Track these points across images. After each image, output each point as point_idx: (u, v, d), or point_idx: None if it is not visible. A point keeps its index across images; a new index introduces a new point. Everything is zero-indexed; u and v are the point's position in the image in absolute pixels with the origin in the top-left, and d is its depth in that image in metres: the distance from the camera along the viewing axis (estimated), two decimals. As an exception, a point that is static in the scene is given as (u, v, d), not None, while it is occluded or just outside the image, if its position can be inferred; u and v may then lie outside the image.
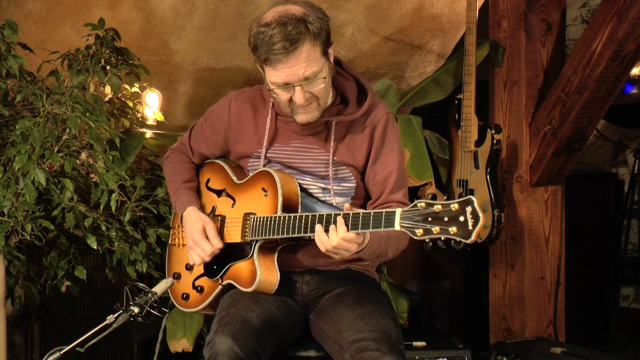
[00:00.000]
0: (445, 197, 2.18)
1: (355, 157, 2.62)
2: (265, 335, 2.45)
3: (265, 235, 2.52)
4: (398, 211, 2.20)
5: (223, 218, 2.69)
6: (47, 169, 3.01)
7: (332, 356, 2.53)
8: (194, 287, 2.71)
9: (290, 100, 2.50)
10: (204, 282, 2.69)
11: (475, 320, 4.67)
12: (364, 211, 2.31)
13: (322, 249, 2.38)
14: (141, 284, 2.36)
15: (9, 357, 3.33)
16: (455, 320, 5.01)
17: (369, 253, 2.48)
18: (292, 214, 2.48)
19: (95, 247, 3.14)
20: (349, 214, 2.33)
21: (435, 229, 2.12)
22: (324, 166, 2.63)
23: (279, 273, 2.57)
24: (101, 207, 3.11)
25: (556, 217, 4.05)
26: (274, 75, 2.45)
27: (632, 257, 5.29)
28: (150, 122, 3.73)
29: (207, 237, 2.63)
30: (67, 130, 3.07)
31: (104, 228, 3.15)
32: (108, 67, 3.35)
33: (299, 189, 2.59)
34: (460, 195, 3.88)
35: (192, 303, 2.72)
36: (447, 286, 5.01)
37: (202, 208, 2.75)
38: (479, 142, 3.83)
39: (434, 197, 2.18)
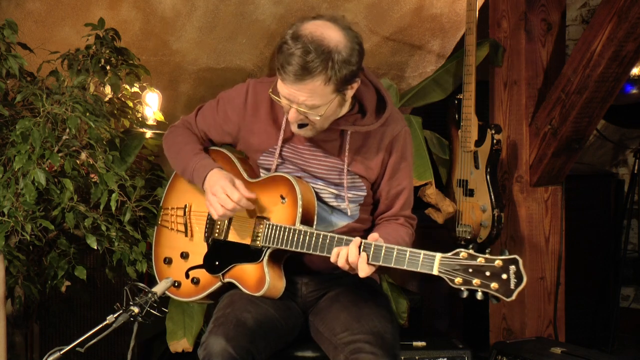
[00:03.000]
0: (488, 251, 2.16)
1: (368, 170, 2.59)
2: (260, 336, 2.44)
3: (280, 245, 2.49)
4: (438, 256, 2.19)
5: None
6: (47, 169, 3.00)
7: (329, 356, 2.52)
8: (187, 276, 2.67)
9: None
10: (200, 274, 2.66)
11: (475, 320, 4.66)
12: (400, 248, 2.27)
13: (341, 263, 2.35)
14: (141, 284, 2.36)
15: (9, 357, 3.33)
16: (455, 320, 5.01)
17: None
18: (310, 230, 2.44)
19: (95, 247, 3.14)
20: (381, 247, 2.29)
21: (476, 281, 2.12)
22: (337, 174, 2.60)
23: (284, 279, 2.56)
24: (101, 207, 3.11)
25: (556, 217, 4.06)
26: (280, 86, 2.43)
27: (632, 257, 5.29)
28: (150, 122, 3.73)
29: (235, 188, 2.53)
30: (67, 130, 3.07)
31: (104, 228, 3.14)
32: (108, 67, 3.34)
33: (316, 200, 2.56)
34: (464, 193, 3.89)
35: (183, 292, 2.68)
36: (447, 286, 5.00)
37: (200, 193, 2.67)
38: (479, 142, 3.83)
39: (475, 248, 2.17)
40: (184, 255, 2.72)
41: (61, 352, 2.16)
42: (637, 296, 5.39)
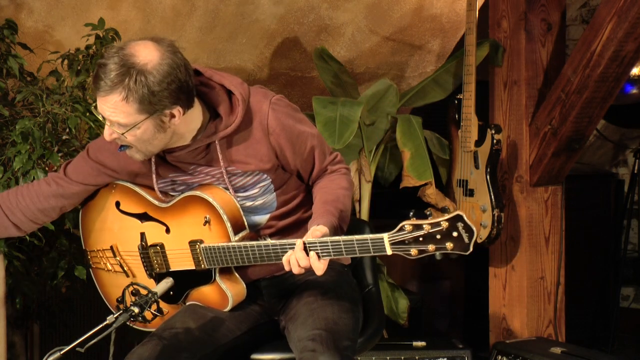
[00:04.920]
0: (428, 213, 2.16)
1: (257, 161, 2.46)
2: (189, 350, 2.37)
3: (225, 263, 2.42)
4: (385, 236, 2.15)
5: (162, 246, 2.53)
6: (47, 169, 3.00)
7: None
8: (159, 306, 2.48)
9: None
10: (161, 304, 2.50)
11: (475, 320, 4.67)
12: (346, 238, 2.21)
13: (295, 270, 2.28)
14: (141, 284, 2.36)
15: (9, 357, 3.33)
16: (455, 320, 5.01)
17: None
18: (252, 243, 2.36)
19: (95, 247, 3.13)
20: (326, 242, 2.23)
21: (431, 247, 2.11)
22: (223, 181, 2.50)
23: (242, 282, 2.49)
24: (101, 207, 3.11)
25: (556, 217, 4.06)
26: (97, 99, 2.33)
27: (632, 257, 5.29)
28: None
29: None
30: (67, 130, 3.07)
31: (104, 228, 3.14)
32: (108, 67, 3.34)
33: (235, 200, 2.45)
34: (464, 193, 3.89)
35: (155, 324, 2.57)
36: (447, 286, 5.01)
37: (118, 232, 2.60)
38: (479, 142, 3.83)
39: (417, 216, 2.16)
40: (134, 293, 2.63)
41: (61, 352, 2.16)
42: (637, 296, 5.39)
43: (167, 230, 2.52)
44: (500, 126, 3.81)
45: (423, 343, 3.59)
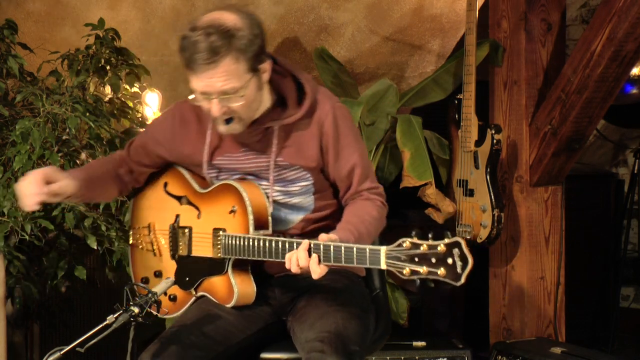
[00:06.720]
0: (430, 235, 2.14)
1: (306, 158, 2.52)
2: (203, 349, 2.41)
3: (239, 255, 2.45)
4: (382, 250, 2.14)
5: (190, 230, 2.62)
6: (47, 169, 3.00)
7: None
8: (166, 294, 2.62)
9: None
10: (175, 290, 2.63)
11: (475, 320, 4.67)
12: (346, 245, 2.23)
13: (294, 269, 2.30)
14: (141, 284, 2.36)
15: (9, 357, 3.33)
16: (455, 320, 5.01)
17: None
18: (266, 237, 2.39)
19: (95, 247, 3.14)
20: (329, 246, 2.24)
21: (424, 269, 2.08)
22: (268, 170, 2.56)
23: (254, 283, 2.52)
24: (101, 207, 3.12)
25: (556, 217, 4.05)
26: (194, 82, 2.39)
27: (632, 257, 5.29)
28: (150, 122, 3.73)
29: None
30: (67, 130, 3.07)
31: (103, 228, 3.15)
32: (108, 67, 3.35)
33: (267, 201, 2.51)
34: (464, 193, 3.89)
35: (163, 310, 2.63)
36: (447, 286, 5.00)
37: (158, 211, 2.68)
38: (479, 142, 3.83)
39: (418, 235, 2.14)
40: (158, 274, 2.69)
41: (61, 352, 2.16)
42: (637, 296, 5.39)
43: (199, 216, 2.60)
44: (500, 126, 3.81)
45: (423, 343, 3.59)
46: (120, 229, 3.23)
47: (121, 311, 2.21)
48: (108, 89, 3.41)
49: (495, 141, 3.77)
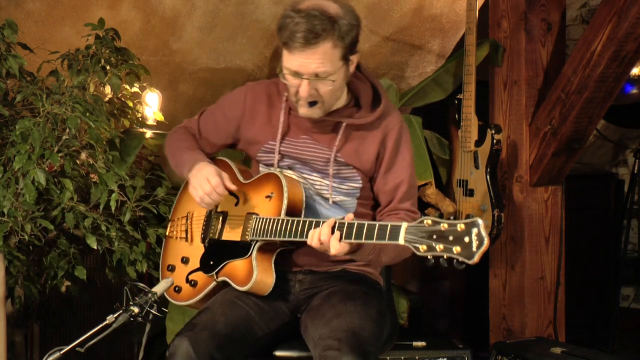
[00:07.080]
0: (452, 217, 2.17)
1: (362, 161, 2.62)
2: (231, 341, 2.45)
3: (266, 236, 2.52)
4: (404, 225, 2.18)
5: (225, 214, 2.69)
6: (47, 169, 3.01)
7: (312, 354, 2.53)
8: (187, 280, 2.70)
9: (297, 91, 2.52)
10: (198, 276, 2.69)
11: (475, 320, 4.67)
12: (370, 223, 2.28)
13: (314, 242, 2.37)
14: (141, 284, 2.36)
15: (9, 357, 3.33)
16: (455, 320, 5.01)
17: (361, 257, 2.49)
18: (294, 218, 2.47)
19: (95, 247, 3.14)
20: (353, 224, 2.30)
21: (439, 246, 2.10)
22: (326, 163, 2.63)
23: (274, 276, 2.57)
24: (101, 207, 3.11)
25: (556, 217, 4.06)
26: (288, 61, 2.48)
27: (632, 257, 5.29)
28: (150, 122, 3.73)
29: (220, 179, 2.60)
30: (67, 130, 3.07)
31: (103, 228, 3.15)
32: (108, 67, 3.34)
33: (304, 194, 2.59)
34: (464, 193, 3.89)
35: (184, 296, 2.72)
36: (447, 286, 5.01)
37: None
38: (479, 142, 3.83)
39: (441, 216, 2.18)
40: (184, 260, 2.75)
41: (61, 352, 2.16)
42: (637, 296, 5.39)
43: (237, 203, 2.67)
44: (500, 126, 3.81)
45: (423, 343, 3.59)
46: (120, 229, 3.24)
47: (121, 311, 2.21)
48: (108, 89, 3.41)
49: (495, 141, 3.78)
